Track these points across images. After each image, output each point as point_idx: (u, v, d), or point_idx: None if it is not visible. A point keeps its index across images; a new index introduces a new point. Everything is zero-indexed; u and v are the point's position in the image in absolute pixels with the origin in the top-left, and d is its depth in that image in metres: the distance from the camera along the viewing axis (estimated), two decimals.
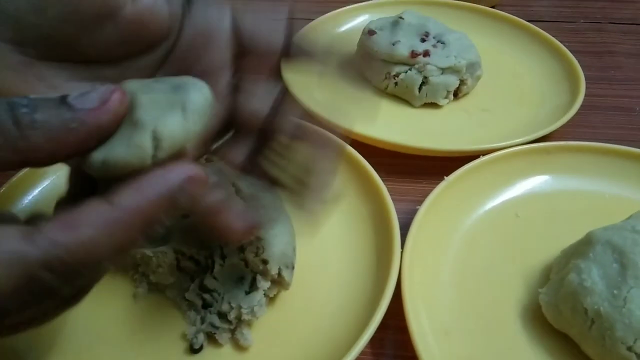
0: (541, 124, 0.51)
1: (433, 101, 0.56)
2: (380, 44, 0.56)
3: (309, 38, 0.29)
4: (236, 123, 0.29)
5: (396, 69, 0.56)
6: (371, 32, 0.58)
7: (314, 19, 0.66)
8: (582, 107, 0.52)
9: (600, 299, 0.32)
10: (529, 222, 0.43)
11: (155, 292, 0.38)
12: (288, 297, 0.38)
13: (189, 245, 0.36)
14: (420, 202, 0.41)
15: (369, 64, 0.58)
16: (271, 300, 0.37)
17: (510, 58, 0.63)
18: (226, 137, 0.30)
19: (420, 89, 0.55)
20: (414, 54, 0.55)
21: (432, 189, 0.42)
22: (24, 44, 0.24)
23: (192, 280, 0.36)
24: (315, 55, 0.29)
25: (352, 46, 0.61)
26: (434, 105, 0.56)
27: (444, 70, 0.55)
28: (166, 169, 0.21)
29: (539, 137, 0.48)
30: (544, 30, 0.64)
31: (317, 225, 0.30)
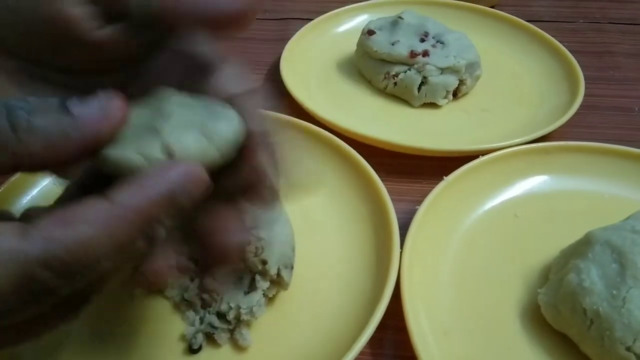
0: (540, 124, 0.51)
1: (432, 101, 0.56)
2: (380, 43, 0.56)
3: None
4: None
5: (395, 69, 0.56)
6: (370, 32, 0.58)
7: (313, 18, 0.66)
8: (581, 107, 0.52)
9: (599, 299, 0.32)
10: (528, 222, 0.43)
11: (154, 292, 0.38)
12: (287, 297, 0.38)
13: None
14: (419, 202, 0.41)
15: (368, 63, 0.58)
16: (270, 300, 0.37)
17: (509, 58, 0.63)
18: None
19: (420, 89, 0.55)
20: (413, 54, 0.55)
21: (431, 189, 0.42)
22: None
23: (192, 280, 0.36)
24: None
25: (351, 46, 0.61)
26: (433, 105, 0.56)
27: (443, 70, 0.55)
28: (167, 167, 0.20)
29: (538, 137, 0.48)
30: (543, 30, 0.64)
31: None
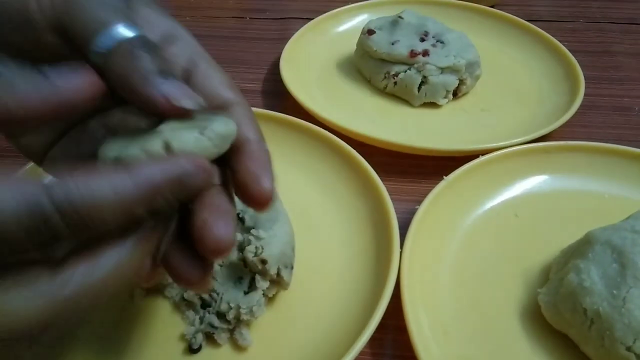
0: (540, 123, 0.51)
1: (432, 101, 0.56)
2: (380, 43, 0.56)
3: None
4: None
5: (395, 69, 0.56)
6: (370, 32, 0.58)
7: (313, 18, 0.66)
8: (581, 106, 0.52)
9: (599, 299, 0.32)
10: (528, 222, 0.43)
11: (154, 292, 0.37)
12: (287, 297, 0.38)
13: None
14: (419, 202, 0.41)
15: (368, 63, 0.58)
16: (270, 300, 0.37)
17: (509, 58, 0.63)
18: None
19: (420, 88, 0.55)
20: (413, 54, 0.55)
21: (431, 189, 0.42)
22: None
23: None
24: None
25: (351, 46, 0.61)
26: (433, 105, 0.56)
27: (443, 70, 0.55)
28: (178, 156, 0.22)
29: (538, 136, 0.48)
30: (543, 29, 0.64)
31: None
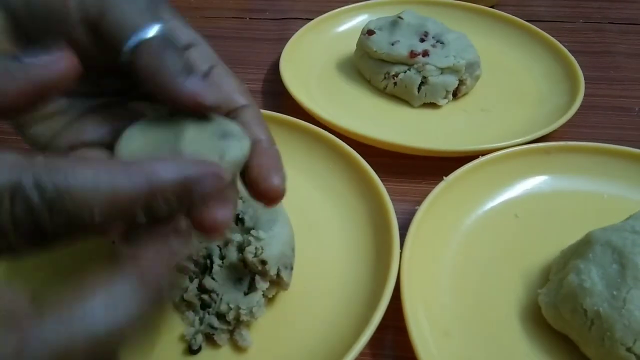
0: (540, 124, 0.51)
1: (432, 101, 0.56)
2: (380, 43, 0.56)
3: None
4: None
5: (395, 69, 0.56)
6: (370, 32, 0.58)
7: (312, 18, 0.66)
8: (581, 107, 0.52)
9: (599, 299, 0.32)
10: (528, 223, 0.43)
11: None
12: (287, 298, 0.37)
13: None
14: (419, 203, 0.41)
15: (368, 63, 0.58)
16: (270, 300, 0.37)
17: (509, 58, 0.63)
18: None
19: (420, 89, 0.55)
20: (413, 54, 0.55)
21: (431, 189, 0.42)
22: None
23: (191, 280, 0.36)
24: None
25: (351, 46, 0.61)
26: (433, 105, 0.56)
27: (443, 70, 0.55)
28: (195, 161, 0.20)
29: (538, 137, 0.48)
30: (543, 30, 0.64)
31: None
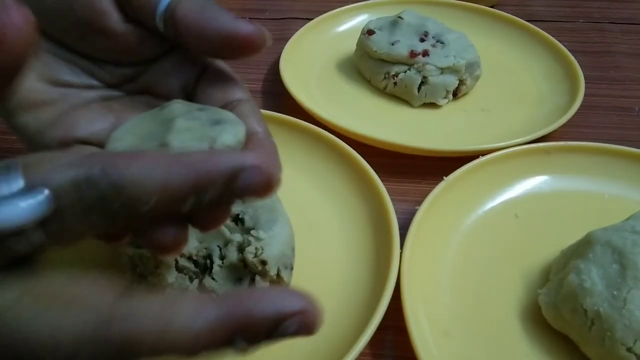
0: (540, 124, 0.51)
1: (432, 101, 0.56)
2: (379, 43, 0.56)
3: None
4: None
5: (395, 69, 0.55)
6: (370, 32, 0.58)
7: (312, 18, 0.66)
8: (581, 107, 0.52)
9: (600, 299, 0.32)
10: (528, 223, 0.43)
11: None
12: None
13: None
14: (419, 203, 0.41)
15: (368, 63, 0.58)
16: None
17: (509, 58, 0.63)
18: None
19: (420, 88, 0.55)
20: (413, 54, 0.55)
21: (431, 189, 0.42)
22: None
23: (191, 281, 0.36)
24: None
25: (351, 46, 0.61)
26: (433, 105, 0.56)
27: (443, 70, 0.55)
28: (245, 152, 0.20)
29: (538, 137, 0.48)
30: (543, 30, 0.64)
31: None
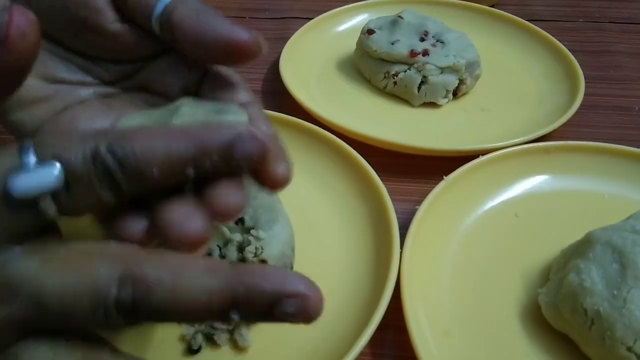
0: (540, 123, 0.51)
1: (432, 100, 0.56)
2: (379, 43, 0.56)
3: None
4: None
5: (395, 68, 0.55)
6: (370, 32, 0.58)
7: (312, 18, 0.66)
8: (581, 106, 0.52)
9: (600, 299, 0.32)
10: (528, 222, 0.43)
11: None
12: None
13: None
14: (419, 202, 0.41)
15: (368, 63, 0.58)
16: None
17: (509, 57, 0.63)
18: None
19: (420, 88, 0.55)
20: (413, 53, 0.55)
21: (431, 189, 0.42)
22: None
23: None
24: None
25: (351, 45, 0.61)
26: (433, 105, 0.56)
27: (443, 70, 0.55)
28: (239, 124, 0.21)
29: (538, 136, 0.48)
30: (543, 29, 0.64)
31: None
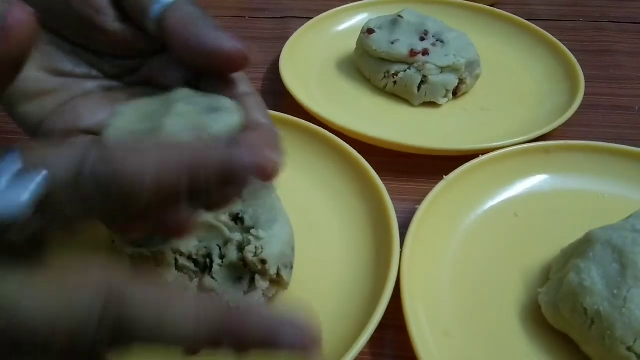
0: (540, 123, 0.51)
1: (432, 100, 0.56)
2: (379, 42, 0.56)
3: None
4: None
5: (395, 68, 0.55)
6: (370, 31, 0.58)
7: (312, 17, 0.66)
8: (581, 106, 0.52)
9: (600, 298, 0.32)
10: (528, 222, 0.43)
11: None
12: (287, 297, 0.37)
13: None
14: (419, 202, 0.41)
15: (368, 62, 0.58)
16: (270, 300, 0.37)
17: (509, 57, 0.63)
18: None
19: (420, 87, 0.55)
20: (413, 53, 0.55)
21: (431, 189, 0.42)
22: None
23: (191, 280, 0.36)
24: None
25: (351, 45, 0.61)
26: (433, 105, 0.56)
27: (443, 69, 0.55)
28: (239, 145, 0.19)
29: (538, 136, 0.48)
30: (543, 29, 0.64)
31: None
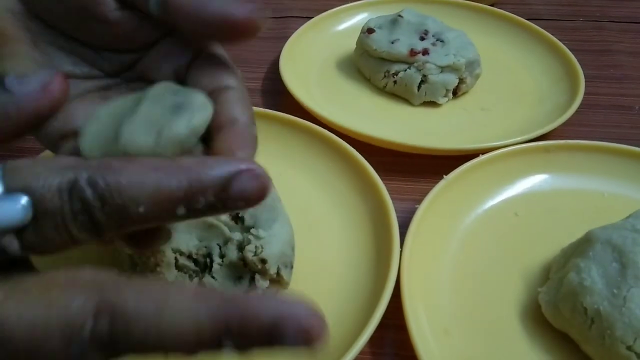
0: (540, 122, 0.51)
1: (432, 100, 0.56)
2: (379, 42, 0.56)
3: None
4: None
5: (395, 68, 0.55)
6: (370, 31, 0.58)
7: (312, 17, 0.66)
8: (581, 105, 0.52)
9: (600, 298, 0.32)
10: (528, 221, 0.43)
11: None
12: None
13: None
14: (419, 201, 0.41)
15: (368, 62, 0.58)
16: None
17: (509, 56, 0.63)
18: None
19: (420, 87, 0.55)
20: (413, 52, 0.55)
21: (431, 188, 0.42)
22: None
23: (191, 279, 0.36)
24: None
25: (351, 44, 0.61)
26: (433, 104, 0.56)
27: (443, 69, 0.55)
28: (238, 161, 0.20)
29: (538, 135, 0.48)
30: (543, 28, 0.64)
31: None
